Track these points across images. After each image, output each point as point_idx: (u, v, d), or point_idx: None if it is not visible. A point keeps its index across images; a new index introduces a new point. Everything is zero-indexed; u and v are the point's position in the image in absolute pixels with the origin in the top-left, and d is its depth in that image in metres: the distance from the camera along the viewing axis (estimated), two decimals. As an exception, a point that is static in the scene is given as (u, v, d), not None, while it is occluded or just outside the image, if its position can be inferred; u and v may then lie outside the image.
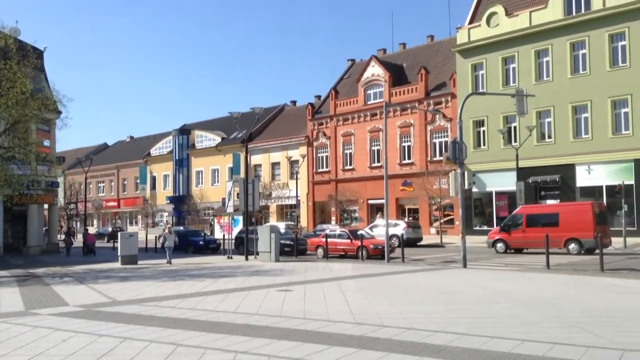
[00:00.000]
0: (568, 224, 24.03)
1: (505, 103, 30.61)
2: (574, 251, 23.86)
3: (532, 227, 25.09)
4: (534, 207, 28.87)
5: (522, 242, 25.55)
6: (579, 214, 24.22)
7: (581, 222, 23.60)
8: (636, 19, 31.13)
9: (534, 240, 24.26)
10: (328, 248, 25.18)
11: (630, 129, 31.51)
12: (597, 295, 12.04)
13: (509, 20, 36.62)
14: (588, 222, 23.47)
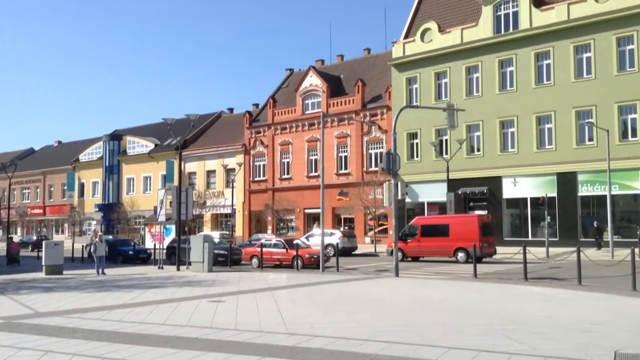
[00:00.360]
0: (457, 234, 25.75)
1: (437, 116, 31.57)
2: (462, 260, 25.49)
3: (426, 237, 26.78)
4: (428, 218, 30.70)
5: (417, 251, 27.09)
6: (467, 226, 25.89)
7: (468, 233, 25.28)
8: (561, 38, 32.93)
9: (428, 249, 26.52)
10: (263, 258, 25.01)
11: (554, 144, 33.20)
12: (521, 303, 12.54)
13: (441, 36, 37.88)
14: (474, 233, 25.19)
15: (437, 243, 25.62)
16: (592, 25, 31.76)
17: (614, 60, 31.21)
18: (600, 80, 31.55)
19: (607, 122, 30.44)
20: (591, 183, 31.82)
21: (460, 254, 25.66)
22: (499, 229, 34.71)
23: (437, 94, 38.15)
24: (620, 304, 12.02)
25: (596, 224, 30.30)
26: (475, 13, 37.32)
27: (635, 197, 30.79)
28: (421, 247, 26.75)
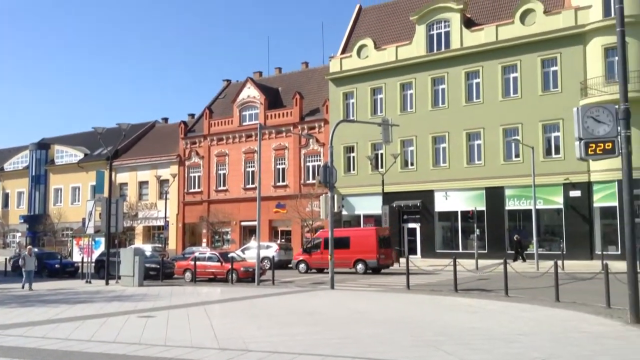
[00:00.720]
0: (357, 246, 27.16)
1: (373, 131, 32.12)
2: (361, 271, 26.85)
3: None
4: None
5: (321, 263, 27.85)
6: (366, 238, 27.28)
7: (367, 245, 26.77)
8: (489, 59, 34.35)
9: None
10: (197, 271, 24.52)
11: (483, 160, 34.48)
12: (451, 314, 12.87)
13: (377, 53, 38.72)
14: (372, 245, 26.74)
15: (339, 255, 26.30)
16: (519, 46, 33.35)
17: (538, 80, 32.85)
18: (526, 100, 33.10)
19: (532, 139, 31.92)
20: (517, 197, 33.21)
21: (359, 265, 27.10)
22: (431, 241, 35.72)
23: (373, 108, 38.87)
24: (545, 315, 12.55)
25: (516, 237, 31.60)
26: (409, 31, 38.41)
27: (558, 212, 32.34)
28: (324, 259, 27.41)
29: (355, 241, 27.55)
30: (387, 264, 27.76)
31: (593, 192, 30.97)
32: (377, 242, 26.84)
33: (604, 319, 11.80)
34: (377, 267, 26.96)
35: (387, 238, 28.48)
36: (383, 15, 42.44)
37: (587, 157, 12.26)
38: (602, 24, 30.20)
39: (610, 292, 13.41)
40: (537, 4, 33.12)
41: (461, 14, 35.58)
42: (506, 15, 34.89)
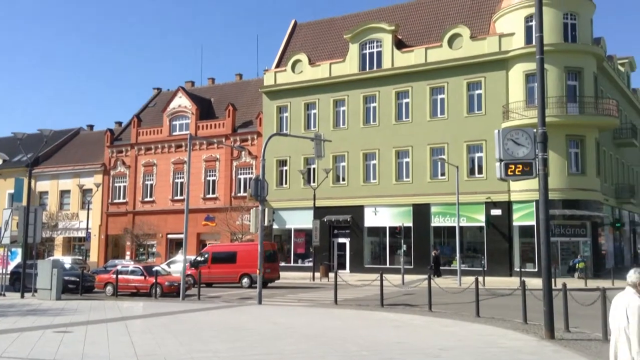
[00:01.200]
0: (243, 261, 27.80)
1: (306, 145, 32.29)
2: (246, 285, 27.60)
3: (216, 264, 28.55)
4: (218, 246, 32.32)
5: (208, 277, 28.15)
6: (252, 253, 27.49)
7: (253, 259, 26.83)
8: (418, 80, 35.43)
9: (217, 275, 28.17)
10: (119, 285, 23.58)
11: (411, 177, 35.37)
12: (376, 329, 13.02)
13: (311, 68, 39.11)
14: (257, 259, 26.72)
15: (225, 269, 26.64)
16: (446, 69, 34.63)
17: (464, 102, 34.18)
18: (452, 121, 34.33)
19: (457, 159, 33.09)
20: (442, 214, 34.26)
21: (244, 280, 27.84)
22: (360, 256, 36.13)
23: (307, 123, 39.12)
24: (466, 330, 12.93)
25: (434, 253, 32.53)
26: (343, 49, 39.06)
27: (480, 229, 33.57)
28: (211, 273, 27.99)
29: (241, 256, 28.18)
30: (272, 278, 28.48)
31: (513, 211, 32.40)
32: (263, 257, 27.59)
33: (520, 334, 12.29)
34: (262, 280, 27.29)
35: (273, 253, 29.28)
36: (318, 32, 42.97)
37: (507, 178, 12.81)
38: (523, 51, 31.86)
39: (528, 308, 14.01)
40: (464, 29, 34.58)
41: (392, 35, 36.58)
42: (435, 39, 36.19)
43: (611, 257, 36.35)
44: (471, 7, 37.55)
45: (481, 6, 37.08)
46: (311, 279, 31.58)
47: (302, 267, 37.21)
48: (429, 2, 39.97)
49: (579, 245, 31.97)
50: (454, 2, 38.61)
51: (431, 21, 38.27)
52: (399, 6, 40.95)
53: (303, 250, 38.44)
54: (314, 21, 44.53)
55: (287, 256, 38.99)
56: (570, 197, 31.17)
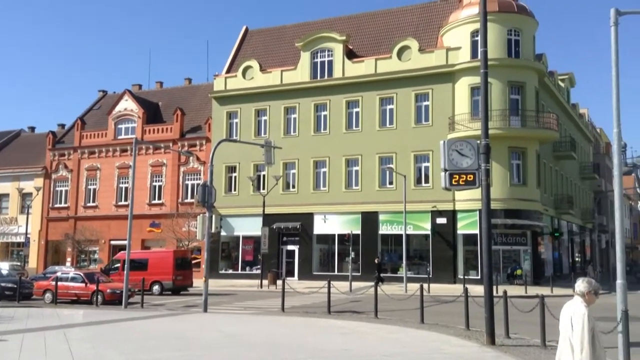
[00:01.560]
0: (154, 268, 27.99)
1: (256, 152, 32.12)
2: (157, 292, 27.80)
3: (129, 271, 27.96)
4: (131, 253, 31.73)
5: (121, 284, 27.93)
6: (163, 260, 28.19)
7: (164, 267, 27.73)
8: (368, 90, 35.88)
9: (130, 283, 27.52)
10: (58, 292, 22.76)
11: (360, 185, 35.71)
12: (323, 336, 13.06)
13: (263, 75, 39.02)
14: (169, 267, 27.85)
15: (136, 276, 26.24)
16: (395, 80, 35.22)
17: (412, 113, 34.82)
18: (400, 131, 34.91)
19: (405, 168, 33.66)
20: (390, 223, 34.73)
21: (155, 287, 27.82)
22: (308, 263, 36.14)
23: (257, 130, 38.94)
24: (410, 336, 13.13)
25: (377, 260, 32.88)
26: (294, 57, 39.16)
27: (426, 237, 34.16)
28: (122, 280, 27.43)
29: (153, 263, 28.25)
30: (184, 285, 28.70)
31: (457, 219, 33.18)
32: (173, 264, 27.80)
33: (463, 340, 12.58)
34: (173, 288, 27.94)
35: (185, 260, 29.47)
36: (269, 38, 42.95)
37: (452, 187, 13.13)
38: (469, 64, 32.78)
39: (470, 315, 14.36)
40: (413, 41, 35.32)
41: (344, 45, 36.96)
42: (385, 50, 36.79)
43: (550, 266, 37.72)
44: (420, 20, 38.40)
45: (430, 20, 37.98)
46: (259, 286, 31.36)
47: (250, 274, 36.92)
48: (379, 14, 40.63)
49: (520, 253, 33.03)
50: (404, 15, 39.42)
51: (381, 33, 38.90)
52: (351, 17, 41.45)
53: (251, 257, 38.15)
54: (266, 28, 44.50)
55: (235, 263, 38.63)
56: (512, 207, 32.18)
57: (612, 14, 9.99)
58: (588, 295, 5.58)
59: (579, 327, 5.37)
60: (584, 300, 5.56)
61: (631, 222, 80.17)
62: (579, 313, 5.44)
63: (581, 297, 5.59)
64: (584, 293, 5.59)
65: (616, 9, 9.98)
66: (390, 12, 40.51)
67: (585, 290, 5.59)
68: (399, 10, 40.29)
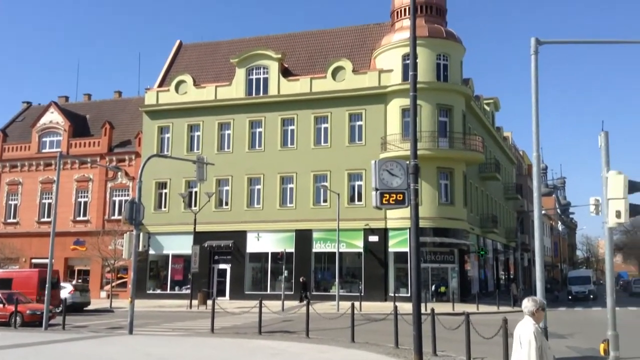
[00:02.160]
0: (18, 287, 27.40)
1: (188, 168, 31.50)
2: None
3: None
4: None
5: None
6: (27, 279, 28.19)
7: (29, 286, 27.48)
8: (303, 108, 36.11)
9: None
10: (-30, 315, 21.33)
11: (294, 203, 35.72)
12: (252, 357, 12.85)
13: (196, 90, 38.52)
14: (33, 286, 27.73)
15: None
16: (330, 100, 35.69)
17: (346, 132, 35.32)
18: (335, 149, 35.30)
19: (339, 186, 33.98)
20: (324, 240, 34.87)
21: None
22: (240, 283, 35.60)
23: (190, 145, 38.30)
24: (340, 356, 13.14)
25: (302, 279, 32.90)
26: (229, 73, 38.95)
27: (359, 255, 34.53)
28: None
29: (17, 282, 27.87)
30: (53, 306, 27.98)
31: (389, 237, 33.75)
32: (38, 284, 27.33)
33: (391, 358, 12.71)
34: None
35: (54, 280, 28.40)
36: (203, 53, 42.57)
37: (382, 206, 13.31)
38: (400, 87, 33.66)
39: (400, 332, 14.55)
40: (347, 62, 35.96)
41: (279, 63, 37.14)
42: (320, 70, 37.25)
43: (476, 283, 38.96)
44: (354, 42, 39.22)
45: (363, 42, 38.85)
46: (188, 306, 30.58)
47: (180, 294, 35.98)
48: (314, 34, 41.20)
49: (448, 271, 33.94)
50: (338, 36, 40.14)
51: (316, 52, 39.41)
52: (286, 35, 41.78)
53: (181, 277, 37.23)
54: (200, 43, 44.11)
55: (164, 283, 37.58)
56: (440, 226, 33.10)
57: (532, 43, 10.56)
58: (537, 313, 5.80)
59: (526, 345, 5.56)
60: (533, 318, 5.76)
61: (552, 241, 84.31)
62: (526, 332, 5.63)
63: (530, 316, 5.78)
64: (532, 312, 5.79)
65: (536, 39, 10.55)
66: (325, 32, 41.18)
67: (534, 308, 5.80)
68: (333, 31, 41.03)
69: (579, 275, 48.49)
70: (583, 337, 17.55)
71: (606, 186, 8.54)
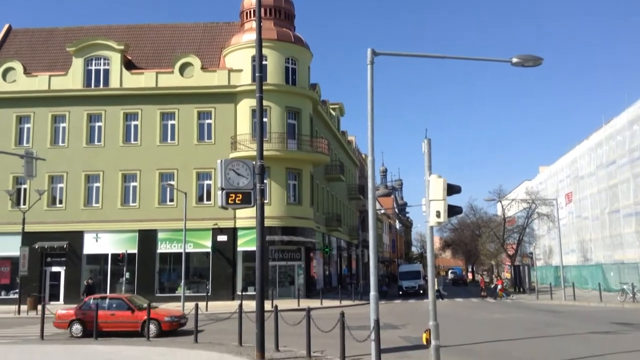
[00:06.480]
0: None
1: (17, 163, 28.66)
2: None
3: None
4: None
5: None
6: None
7: None
8: (148, 103, 34.68)
9: None
10: None
11: (137, 202, 34.17)
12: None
13: (27, 79, 35.25)
14: None
15: None
16: (177, 96, 34.69)
17: (194, 130, 34.59)
18: (183, 147, 34.39)
19: (187, 185, 33.22)
20: (169, 240, 33.83)
21: None
22: (76, 286, 33.22)
23: (18, 138, 34.94)
24: (182, 357, 12.89)
25: (87, 282, 31.22)
26: (65, 62, 36.21)
27: (207, 255, 34.01)
28: None
29: None
30: None
31: (238, 237, 33.74)
32: None
33: (234, 356, 12.78)
34: None
35: None
36: (36, 40, 39.17)
37: (228, 206, 13.35)
38: (249, 87, 33.66)
39: (245, 330, 14.66)
40: (195, 59, 35.24)
41: (122, 54, 35.29)
42: (166, 64, 36.06)
43: (321, 279, 40.44)
44: (203, 39, 38.60)
45: (212, 40, 38.40)
46: (16, 312, 27.88)
47: (6, 299, 32.70)
48: (160, 28, 39.92)
49: (295, 268, 34.82)
50: (187, 31, 39.28)
51: (163, 47, 38.13)
52: (129, 27, 39.93)
53: (8, 280, 33.82)
54: (32, 28, 40.53)
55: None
56: (288, 225, 33.83)
57: (368, 53, 11.27)
58: None
59: None
60: None
61: (390, 238, 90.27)
62: None
63: None
64: None
65: (372, 50, 11.28)
66: (172, 26, 40.07)
67: None
68: (181, 26, 40.07)
69: (409, 270, 46.24)
70: (414, 327, 19.04)
71: (428, 189, 9.40)
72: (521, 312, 26.21)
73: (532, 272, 48.50)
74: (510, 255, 46.87)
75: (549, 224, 44.91)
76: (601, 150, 40.02)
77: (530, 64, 11.66)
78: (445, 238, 74.85)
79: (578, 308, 27.94)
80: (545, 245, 52.49)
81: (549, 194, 50.74)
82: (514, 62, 11.59)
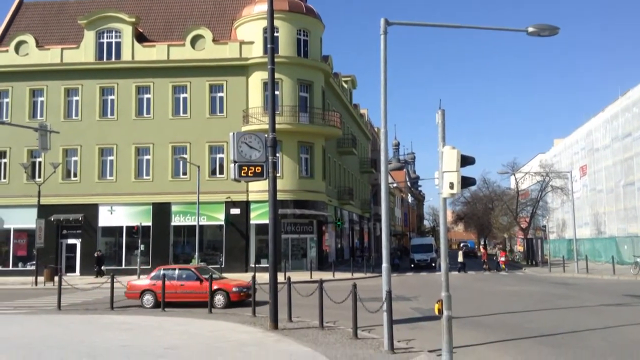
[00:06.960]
0: None
1: (31, 136, 28.98)
2: None
3: None
4: None
5: None
6: None
7: None
8: (160, 76, 34.61)
9: None
10: None
11: (151, 175, 34.41)
12: (103, 333, 12.36)
13: (39, 52, 35.30)
14: None
15: None
16: (189, 69, 34.57)
17: (206, 103, 34.54)
18: (195, 120, 34.43)
19: (199, 159, 33.36)
20: (183, 213, 34.13)
21: None
22: (91, 258, 33.71)
23: (32, 112, 35.18)
24: (197, 327, 13.11)
25: (97, 254, 32.00)
26: (77, 35, 36.16)
27: (220, 228, 34.28)
28: None
29: None
30: None
31: (250, 210, 33.93)
32: None
33: (248, 327, 12.98)
34: None
35: None
36: (48, 13, 39.10)
37: (241, 179, 13.41)
38: (261, 60, 33.45)
39: (259, 302, 14.84)
40: (207, 31, 34.99)
41: (133, 27, 35.11)
42: (178, 37, 35.88)
43: (333, 252, 40.70)
44: (214, 11, 38.29)
45: (223, 12, 38.07)
46: (33, 283, 28.45)
47: (24, 271, 33.37)
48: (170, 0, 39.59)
49: (307, 241, 35.03)
50: (197, 3, 39.02)
51: (174, 19, 37.90)
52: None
53: (25, 252, 34.47)
54: (44, 2, 40.40)
55: (5, 259, 34.58)
56: (300, 198, 33.94)
57: (382, 23, 11.09)
58: None
59: None
60: None
61: (402, 212, 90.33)
62: None
63: None
64: None
65: (385, 19, 11.09)
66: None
67: None
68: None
69: (421, 243, 46.01)
70: (426, 299, 19.18)
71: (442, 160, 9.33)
72: (533, 284, 26.24)
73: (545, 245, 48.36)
74: (523, 228, 46.72)
75: (562, 197, 44.61)
76: (617, 122, 39.48)
77: (546, 34, 11.42)
78: (458, 211, 74.70)
79: (590, 281, 27.92)
80: (559, 218, 52.21)
81: (563, 166, 50.28)
82: (530, 32, 11.35)
